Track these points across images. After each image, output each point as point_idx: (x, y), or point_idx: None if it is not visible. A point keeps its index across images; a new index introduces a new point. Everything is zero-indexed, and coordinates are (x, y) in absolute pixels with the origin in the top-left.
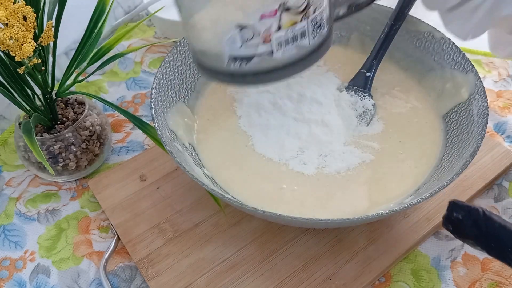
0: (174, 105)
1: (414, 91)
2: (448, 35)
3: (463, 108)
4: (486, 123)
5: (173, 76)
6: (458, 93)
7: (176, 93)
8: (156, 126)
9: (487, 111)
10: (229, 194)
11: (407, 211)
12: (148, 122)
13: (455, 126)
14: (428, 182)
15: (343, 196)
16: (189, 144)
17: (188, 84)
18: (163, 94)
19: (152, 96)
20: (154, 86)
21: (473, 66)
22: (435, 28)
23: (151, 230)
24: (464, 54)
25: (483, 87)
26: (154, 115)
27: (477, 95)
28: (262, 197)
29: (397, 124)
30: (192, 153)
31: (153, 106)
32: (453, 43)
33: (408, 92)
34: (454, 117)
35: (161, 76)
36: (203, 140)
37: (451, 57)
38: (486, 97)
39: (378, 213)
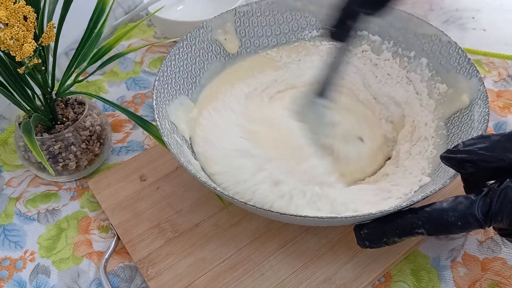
0: (177, 98)
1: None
2: (454, 38)
3: (465, 113)
4: (486, 128)
5: (177, 69)
6: (460, 99)
7: (179, 86)
8: (156, 117)
9: (488, 117)
10: (219, 186)
11: None
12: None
13: (456, 131)
14: (425, 185)
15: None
16: (190, 137)
17: (193, 78)
18: (166, 86)
19: (155, 87)
20: (157, 78)
21: (477, 71)
22: (442, 32)
23: (151, 230)
24: (469, 58)
25: (486, 93)
26: (155, 106)
27: (479, 101)
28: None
29: (398, 127)
30: (192, 146)
31: (155, 97)
32: (460, 47)
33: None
34: (456, 122)
35: (166, 69)
36: (202, 133)
37: (457, 61)
38: (488, 103)
39: (365, 214)
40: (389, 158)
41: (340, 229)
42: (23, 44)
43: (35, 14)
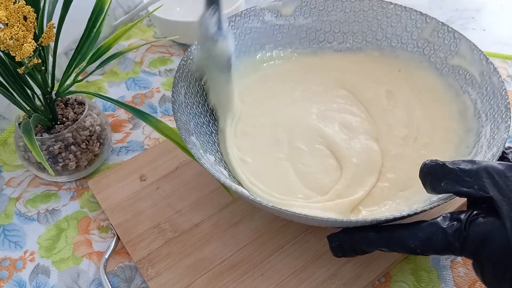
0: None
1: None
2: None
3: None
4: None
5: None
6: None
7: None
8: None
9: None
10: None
11: None
12: None
13: None
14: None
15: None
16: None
17: None
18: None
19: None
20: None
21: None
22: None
23: (151, 230)
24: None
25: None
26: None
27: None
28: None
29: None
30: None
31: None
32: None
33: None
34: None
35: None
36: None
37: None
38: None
39: (350, 220)
40: None
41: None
42: (23, 44)
43: (35, 14)
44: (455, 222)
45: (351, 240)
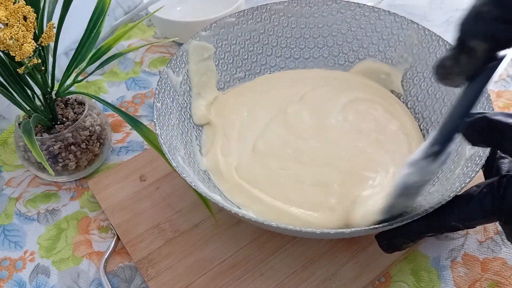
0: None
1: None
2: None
3: None
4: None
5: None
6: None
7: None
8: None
9: None
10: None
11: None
12: (148, 122)
13: None
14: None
15: None
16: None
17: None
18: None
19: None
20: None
21: None
22: None
23: (151, 230)
24: None
25: None
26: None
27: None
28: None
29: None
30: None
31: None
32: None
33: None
34: None
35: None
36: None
37: None
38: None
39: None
40: None
41: None
42: (22, 44)
43: (35, 14)
44: (488, 188)
45: (399, 235)
